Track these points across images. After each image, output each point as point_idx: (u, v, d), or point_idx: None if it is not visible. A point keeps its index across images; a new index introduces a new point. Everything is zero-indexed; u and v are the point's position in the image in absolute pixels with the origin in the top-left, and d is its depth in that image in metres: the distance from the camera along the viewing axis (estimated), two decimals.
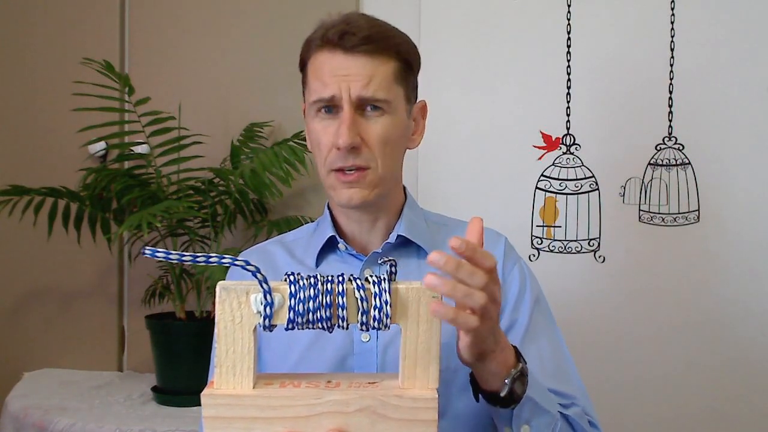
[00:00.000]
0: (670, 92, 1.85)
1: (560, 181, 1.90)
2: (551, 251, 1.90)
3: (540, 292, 1.14)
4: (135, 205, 1.84)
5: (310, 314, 0.77)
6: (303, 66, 1.08)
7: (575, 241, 1.89)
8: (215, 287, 0.79)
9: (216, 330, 0.78)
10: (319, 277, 0.78)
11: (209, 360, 1.18)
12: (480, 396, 0.92)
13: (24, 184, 1.86)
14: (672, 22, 1.84)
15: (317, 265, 1.11)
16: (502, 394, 0.88)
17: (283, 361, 1.05)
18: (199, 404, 1.17)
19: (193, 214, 1.86)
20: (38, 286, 2.20)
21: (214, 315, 0.79)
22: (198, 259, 0.77)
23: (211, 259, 0.77)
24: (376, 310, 0.77)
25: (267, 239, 1.28)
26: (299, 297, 0.77)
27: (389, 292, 0.78)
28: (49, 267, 2.18)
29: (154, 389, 1.87)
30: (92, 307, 2.17)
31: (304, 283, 0.78)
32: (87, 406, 1.79)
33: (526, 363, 0.91)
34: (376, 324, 0.78)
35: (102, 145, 2.06)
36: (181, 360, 1.82)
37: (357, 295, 0.77)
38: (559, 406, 0.98)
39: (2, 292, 2.22)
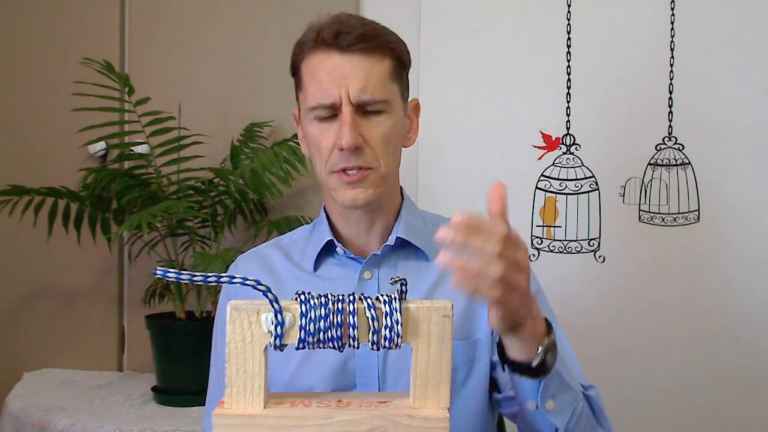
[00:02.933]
0: (670, 92, 1.85)
1: (560, 181, 1.90)
2: (551, 251, 1.90)
3: (539, 288, 1.14)
4: (135, 205, 1.84)
5: (321, 333, 0.77)
6: (295, 70, 1.07)
7: (575, 241, 1.89)
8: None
9: (226, 350, 0.78)
10: (329, 296, 0.78)
11: (209, 360, 1.18)
12: (507, 367, 0.90)
13: (24, 184, 1.86)
14: (672, 22, 1.84)
15: (315, 269, 1.10)
16: (534, 364, 0.86)
17: (285, 365, 1.05)
18: (199, 404, 1.18)
19: (193, 214, 1.86)
20: (38, 286, 2.20)
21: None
22: (209, 279, 0.76)
23: (222, 279, 0.77)
24: (387, 330, 0.77)
25: (267, 239, 1.28)
26: (310, 317, 0.77)
27: (400, 311, 0.78)
28: (49, 267, 2.18)
29: (154, 389, 1.87)
30: (92, 307, 2.17)
31: (314, 303, 0.78)
32: (87, 406, 1.79)
33: (555, 334, 0.89)
34: (387, 343, 0.78)
35: (102, 145, 2.06)
36: (181, 360, 1.82)
37: (368, 314, 0.77)
38: (580, 386, 0.97)
39: (2, 292, 2.22)
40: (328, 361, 1.04)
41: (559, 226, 1.90)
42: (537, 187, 1.91)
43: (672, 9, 1.84)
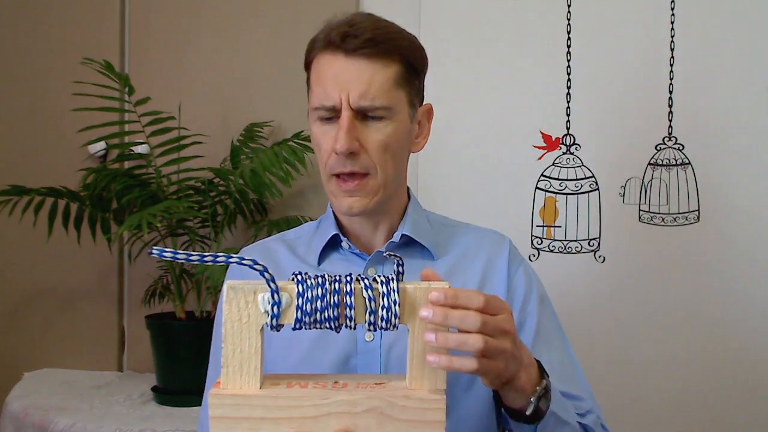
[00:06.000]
0: (670, 92, 1.85)
1: (560, 181, 1.90)
2: (551, 251, 1.90)
3: (545, 293, 1.15)
4: (135, 205, 1.84)
5: (318, 314, 0.77)
6: (308, 66, 1.08)
7: (575, 241, 1.89)
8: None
9: (223, 329, 0.78)
10: (327, 276, 0.78)
11: (209, 360, 1.18)
12: (503, 411, 0.92)
13: (24, 184, 1.86)
14: (672, 22, 1.84)
15: (320, 263, 1.10)
16: (528, 413, 0.88)
17: (285, 360, 1.05)
18: (199, 404, 1.18)
19: (193, 214, 1.86)
20: (38, 286, 2.20)
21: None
22: (206, 259, 0.76)
23: (218, 259, 0.77)
24: (384, 310, 0.77)
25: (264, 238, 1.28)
26: (307, 296, 0.77)
27: (398, 292, 0.78)
28: (49, 267, 2.18)
29: (154, 389, 1.87)
30: (92, 307, 2.17)
31: (311, 283, 0.78)
32: (87, 406, 1.79)
33: (548, 377, 0.91)
34: (384, 324, 0.77)
35: (102, 145, 2.06)
36: (181, 360, 1.82)
37: (365, 294, 0.77)
38: (576, 415, 0.98)
39: (2, 292, 2.22)
40: (330, 359, 1.04)
41: (559, 226, 1.90)
42: (537, 187, 1.91)
43: (672, 9, 1.84)
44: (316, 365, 1.04)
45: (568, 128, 1.90)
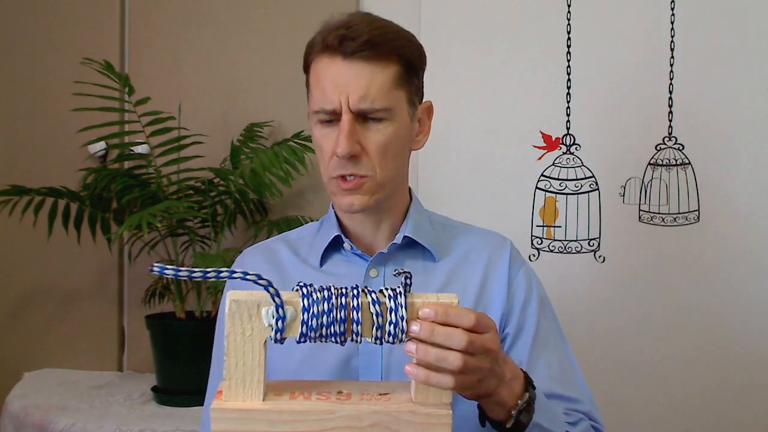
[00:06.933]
0: (670, 92, 1.85)
1: (560, 181, 1.90)
2: (551, 251, 1.90)
3: (545, 295, 1.14)
4: (135, 205, 1.84)
5: (324, 329, 0.76)
6: (306, 69, 1.07)
7: (575, 241, 1.89)
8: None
9: (225, 342, 0.77)
10: (333, 289, 0.77)
11: (209, 360, 1.18)
12: (487, 422, 0.92)
13: (24, 184, 1.86)
14: (672, 22, 1.84)
15: (321, 264, 1.10)
16: (508, 426, 0.88)
17: (287, 361, 1.05)
18: (199, 404, 1.18)
19: (193, 214, 1.86)
20: (38, 286, 2.20)
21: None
22: (208, 275, 0.74)
23: (221, 274, 0.75)
24: (392, 326, 0.76)
25: (267, 239, 1.28)
26: (313, 311, 0.76)
27: (405, 307, 0.77)
28: (49, 267, 2.18)
29: (154, 389, 1.87)
30: (92, 307, 2.17)
31: (317, 297, 0.76)
32: (87, 406, 1.79)
33: (534, 389, 0.90)
34: (390, 339, 0.77)
35: (102, 145, 2.06)
36: (181, 360, 1.82)
37: (372, 310, 0.76)
38: (567, 425, 0.98)
39: (2, 292, 2.22)
40: (331, 359, 1.03)
41: (559, 226, 1.90)
42: (537, 187, 1.91)
43: (672, 9, 1.84)
44: (317, 366, 1.04)
45: (568, 128, 1.90)
